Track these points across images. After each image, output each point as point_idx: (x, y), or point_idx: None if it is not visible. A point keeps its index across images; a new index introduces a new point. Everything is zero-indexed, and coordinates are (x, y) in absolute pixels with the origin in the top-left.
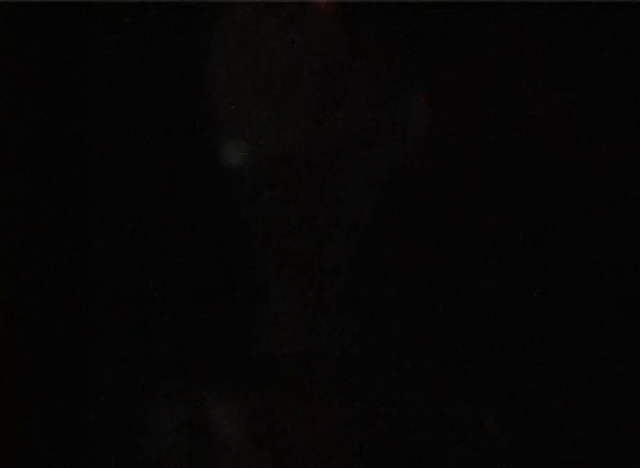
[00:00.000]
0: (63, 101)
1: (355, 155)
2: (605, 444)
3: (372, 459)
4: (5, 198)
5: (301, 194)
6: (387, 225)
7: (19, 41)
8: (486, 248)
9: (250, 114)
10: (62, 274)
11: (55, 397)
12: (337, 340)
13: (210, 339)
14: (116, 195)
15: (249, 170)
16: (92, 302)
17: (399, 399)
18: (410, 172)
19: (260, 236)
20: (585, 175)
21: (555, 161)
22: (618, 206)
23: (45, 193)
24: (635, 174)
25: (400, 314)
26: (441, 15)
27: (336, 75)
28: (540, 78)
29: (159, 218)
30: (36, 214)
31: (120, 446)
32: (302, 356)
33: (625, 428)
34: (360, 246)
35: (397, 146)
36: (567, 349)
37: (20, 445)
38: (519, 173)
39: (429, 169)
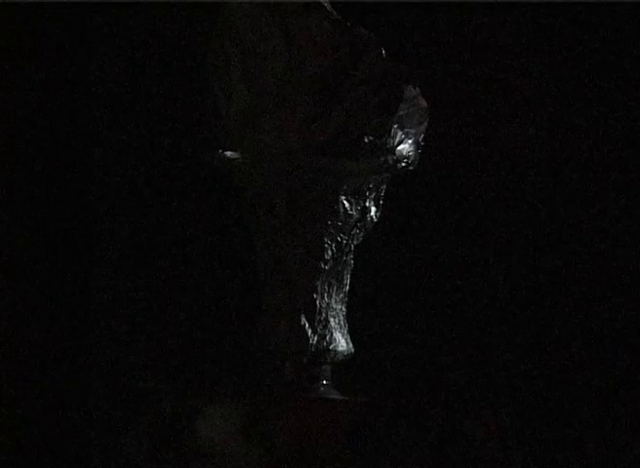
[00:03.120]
0: (63, 101)
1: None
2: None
3: (372, 460)
4: (5, 198)
5: (302, 193)
6: (389, 225)
7: (19, 41)
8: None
9: (250, 114)
10: (63, 273)
11: (54, 398)
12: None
13: (209, 340)
14: (117, 195)
15: (249, 169)
16: (91, 304)
17: (399, 399)
18: (410, 172)
19: (260, 236)
20: (585, 174)
21: (556, 161)
22: (618, 208)
23: (46, 193)
24: (635, 174)
25: (401, 314)
26: (441, 15)
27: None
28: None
29: (158, 217)
30: (37, 213)
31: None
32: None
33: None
34: (361, 245)
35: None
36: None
37: (20, 445)
38: (519, 173)
39: (430, 169)
